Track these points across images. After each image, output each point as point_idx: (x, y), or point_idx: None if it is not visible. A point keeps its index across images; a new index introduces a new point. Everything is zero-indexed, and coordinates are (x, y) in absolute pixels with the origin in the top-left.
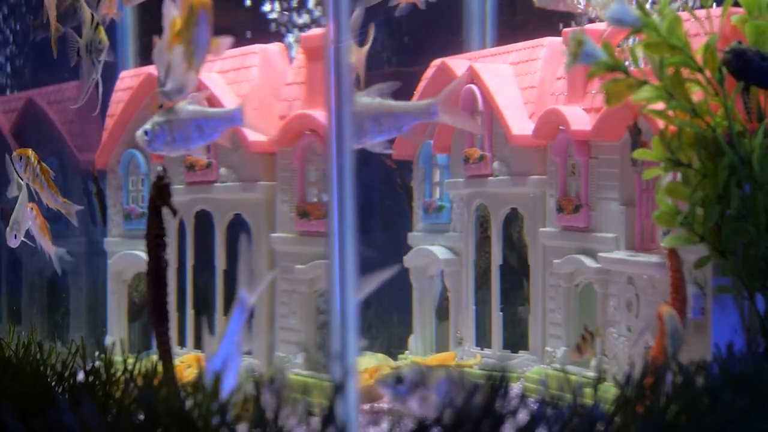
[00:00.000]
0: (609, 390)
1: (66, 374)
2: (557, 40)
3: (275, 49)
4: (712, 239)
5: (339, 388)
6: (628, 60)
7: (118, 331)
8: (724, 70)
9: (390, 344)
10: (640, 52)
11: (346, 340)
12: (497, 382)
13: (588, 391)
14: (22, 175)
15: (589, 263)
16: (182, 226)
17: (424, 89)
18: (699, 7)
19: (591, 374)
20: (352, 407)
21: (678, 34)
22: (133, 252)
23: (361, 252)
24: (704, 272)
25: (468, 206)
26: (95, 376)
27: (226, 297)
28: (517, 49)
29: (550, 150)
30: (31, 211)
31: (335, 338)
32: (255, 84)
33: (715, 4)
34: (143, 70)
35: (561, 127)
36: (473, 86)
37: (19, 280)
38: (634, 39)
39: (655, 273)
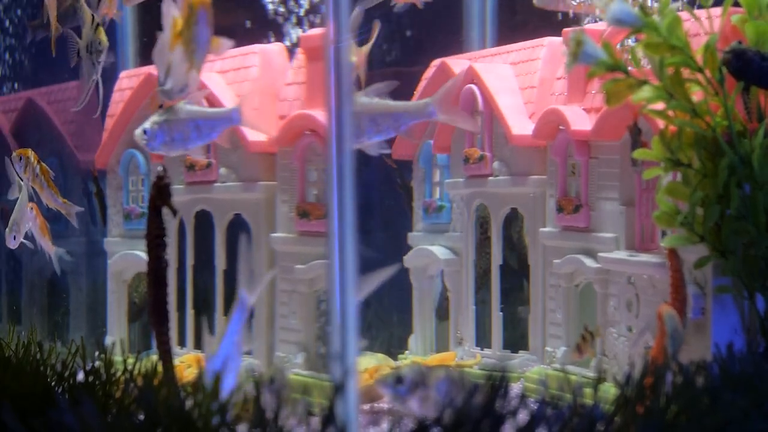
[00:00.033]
0: (609, 390)
1: (66, 374)
2: (557, 40)
3: (275, 49)
4: (712, 239)
5: (339, 388)
6: (628, 56)
7: (118, 331)
8: (724, 70)
9: (390, 344)
10: (640, 52)
11: (346, 340)
12: (497, 382)
13: (588, 391)
14: (22, 176)
15: (589, 263)
16: (182, 226)
17: (424, 89)
18: (699, 7)
19: (591, 374)
20: (352, 407)
21: (678, 34)
22: (133, 252)
23: (361, 252)
24: (704, 272)
25: (468, 206)
26: (95, 376)
27: (226, 297)
28: (517, 49)
29: (550, 150)
30: (31, 211)
31: (335, 338)
32: (253, 83)
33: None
34: (143, 70)
35: (561, 127)
36: (473, 86)
37: (19, 280)
38: (635, 39)
39: (655, 273)
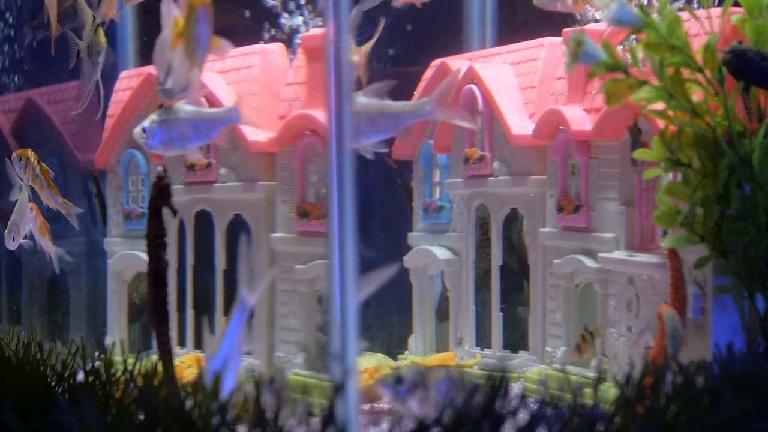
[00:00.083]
0: (609, 390)
1: (66, 374)
2: (557, 40)
3: (275, 49)
4: (712, 239)
5: (339, 388)
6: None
7: (118, 331)
8: (724, 70)
9: (390, 344)
10: (640, 52)
11: (346, 340)
12: (497, 383)
13: (588, 391)
14: (22, 177)
15: (589, 263)
16: (182, 226)
17: (424, 89)
18: (699, 7)
19: (591, 374)
20: (352, 407)
21: (678, 34)
22: (133, 252)
23: (361, 252)
24: (704, 272)
25: (468, 206)
26: (95, 376)
27: (226, 297)
28: (517, 49)
29: (550, 150)
30: (31, 211)
31: (335, 338)
32: (251, 81)
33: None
34: (143, 70)
35: (561, 127)
36: (473, 86)
37: (19, 280)
38: (635, 39)
39: (655, 273)
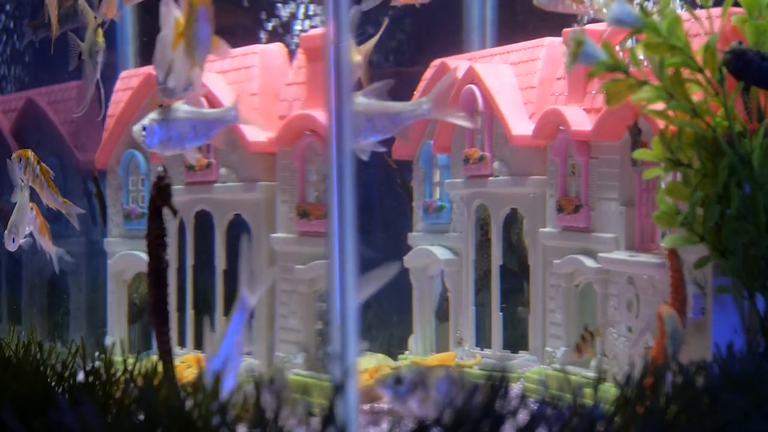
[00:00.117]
0: (609, 390)
1: (66, 374)
2: (557, 41)
3: (275, 49)
4: (712, 239)
5: (339, 389)
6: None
7: (118, 331)
8: (724, 71)
9: (390, 344)
10: (641, 53)
11: (346, 340)
12: (497, 383)
13: (588, 391)
14: (23, 178)
15: (589, 263)
16: (182, 227)
17: (424, 89)
18: (699, 7)
19: (591, 374)
20: (352, 407)
21: (678, 35)
22: (133, 252)
23: (361, 252)
24: (704, 272)
25: (468, 206)
26: (95, 376)
27: (226, 297)
28: (518, 50)
29: (550, 150)
30: (31, 211)
31: (335, 338)
32: (251, 81)
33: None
34: (143, 70)
35: (561, 128)
36: (473, 86)
37: (19, 280)
38: (634, 39)
39: (655, 273)
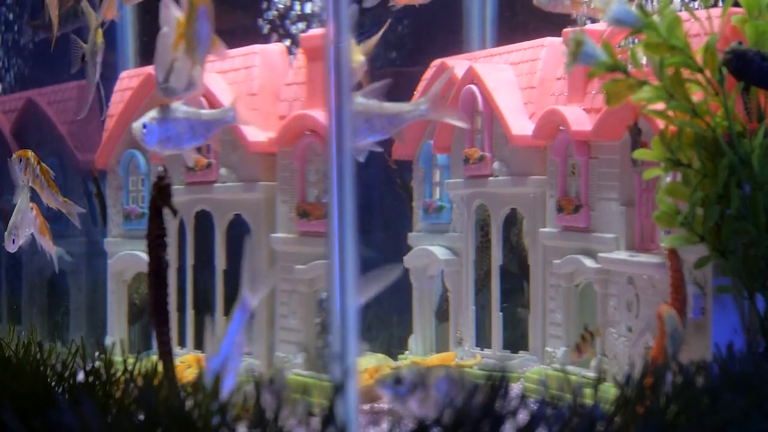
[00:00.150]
0: (609, 390)
1: (66, 374)
2: (557, 41)
3: (276, 49)
4: (712, 239)
5: (339, 389)
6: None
7: (118, 331)
8: (724, 71)
9: (390, 344)
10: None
11: (347, 340)
12: (497, 383)
13: (588, 391)
14: (23, 178)
15: (589, 263)
16: (182, 227)
17: (424, 90)
18: (699, 7)
19: (591, 374)
20: (352, 407)
21: (678, 35)
22: (133, 252)
23: (361, 252)
24: (704, 272)
25: (468, 206)
26: (95, 376)
27: (226, 297)
28: (518, 50)
29: (550, 150)
30: (31, 212)
31: (335, 338)
32: (251, 81)
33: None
34: (143, 70)
35: (561, 128)
36: (473, 86)
37: (19, 280)
38: (634, 39)
39: (655, 273)
